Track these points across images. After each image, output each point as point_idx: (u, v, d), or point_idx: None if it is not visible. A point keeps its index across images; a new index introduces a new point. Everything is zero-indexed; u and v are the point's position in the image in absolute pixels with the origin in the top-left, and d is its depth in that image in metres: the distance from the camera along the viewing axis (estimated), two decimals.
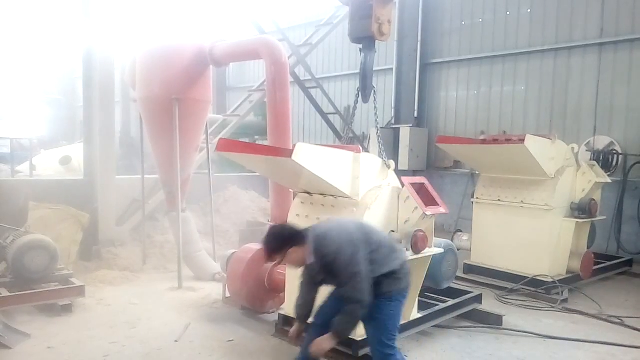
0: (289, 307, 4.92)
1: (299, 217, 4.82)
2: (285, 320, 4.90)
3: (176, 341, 4.82)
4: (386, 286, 3.35)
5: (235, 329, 5.19)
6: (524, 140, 6.09)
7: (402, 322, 4.67)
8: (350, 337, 4.27)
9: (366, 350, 4.30)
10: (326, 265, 3.27)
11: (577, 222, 6.62)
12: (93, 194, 7.73)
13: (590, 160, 7.93)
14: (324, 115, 12.14)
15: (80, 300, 5.72)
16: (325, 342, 3.31)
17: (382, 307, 3.35)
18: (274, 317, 5.23)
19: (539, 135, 6.61)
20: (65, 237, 6.84)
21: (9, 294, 5.36)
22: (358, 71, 5.36)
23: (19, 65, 20.25)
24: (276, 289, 5.42)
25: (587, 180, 6.89)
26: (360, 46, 5.27)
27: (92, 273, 6.78)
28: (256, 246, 5.71)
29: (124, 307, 5.62)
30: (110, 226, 7.65)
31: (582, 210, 6.70)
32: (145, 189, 7.87)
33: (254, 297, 5.48)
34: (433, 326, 5.13)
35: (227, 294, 5.82)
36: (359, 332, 4.30)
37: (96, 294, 6.07)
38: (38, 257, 5.63)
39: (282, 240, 3.34)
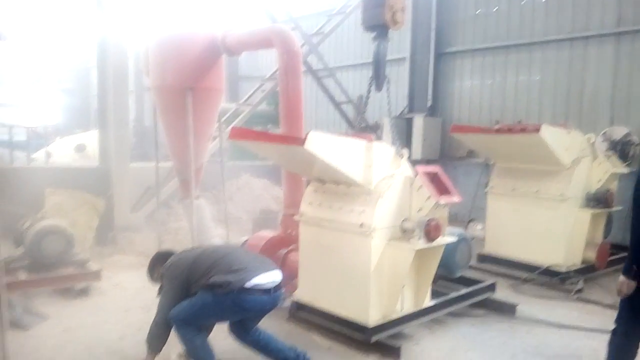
0: (301, 294, 4.96)
1: (311, 205, 4.83)
2: (299, 306, 4.94)
3: None
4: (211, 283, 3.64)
5: None
6: (539, 129, 6.03)
7: (414, 310, 4.72)
8: (362, 323, 4.32)
9: (378, 337, 4.33)
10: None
11: (593, 212, 6.56)
12: (108, 181, 7.82)
13: (607, 150, 7.83)
14: (336, 104, 12.10)
15: (97, 284, 5.81)
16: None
17: (202, 293, 3.67)
18: (287, 303, 5.26)
19: (554, 125, 6.54)
20: (81, 223, 6.94)
21: (27, 278, 5.47)
22: (371, 60, 5.33)
23: (34, 54, 20.40)
24: (289, 276, 5.44)
25: (603, 171, 6.81)
26: (374, 34, 5.24)
27: (108, 258, 6.88)
28: (269, 233, 5.75)
29: (139, 291, 5.69)
30: (125, 212, 7.74)
31: (598, 200, 6.63)
32: (159, 176, 7.93)
33: None
34: (446, 314, 5.14)
35: None
36: (372, 319, 4.34)
37: (112, 279, 6.16)
38: (55, 241, 5.71)
39: (153, 263, 4.08)
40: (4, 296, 3.32)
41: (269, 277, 3.71)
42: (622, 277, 3.33)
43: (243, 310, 3.67)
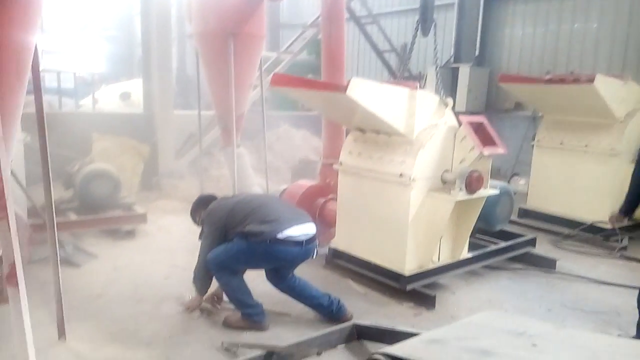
0: (338, 242, 5.02)
1: (351, 155, 4.81)
2: (336, 254, 5.02)
3: None
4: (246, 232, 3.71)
5: None
6: (593, 80, 5.74)
7: (451, 261, 4.72)
8: (398, 272, 4.36)
9: (413, 285, 4.37)
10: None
11: None
12: (152, 128, 7.99)
13: None
14: (379, 53, 11.81)
15: (142, 227, 6.05)
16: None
17: (237, 239, 3.76)
18: (324, 250, 5.35)
19: (610, 76, 6.19)
20: (127, 168, 7.17)
21: (77, 218, 5.74)
22: (417, 7, 5.13)
23: (79, 1, 20.62)
24: (327, 224, 5.52)
25: None
26: None
27: (153, 202, 7.12)
28: (308, 182, 5.79)
29: (183, 234, 5.90)
30: (168, 159, 7.94)
31: None
32: (202, 124, 8.04)
33: None
34: (484, 267, 5.11)
35: None
36: (408, 268, 4.37)
37: (157, 222, 6.40)
38: (102, 184, 5.95)
39: (198, 204, 4.21)
40: (55, 235, 3.49)
41: (302, 230, 3.75)
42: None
43: (275, 259, 3.77)
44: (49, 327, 3.58)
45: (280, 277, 4.00)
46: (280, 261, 3.82)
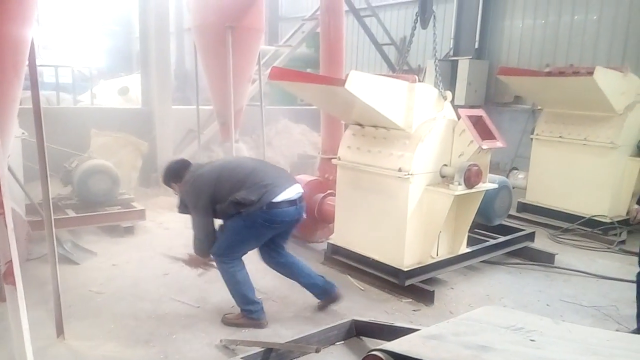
0: (337, 237, 5.01)
1: (350, 149, 4.79)
2: (334, 249, 5.01)
3: None
4: (239, 200, 3.63)
5: None
6: (592, 72, 5.71)
7: (450, 256, 4.71)
8: (397, 267, 4.35)
9: (412, 281, 4.37)
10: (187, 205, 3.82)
11: None
12: (151, 123, 7.96)
13: None
14: (378, 46, 11.76)
15: (142, 223, 6.04)
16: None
17: (230, 222, 3.73)
18: (322, 246, 5.35)
19: (609, 68, 6.16)
20: (125, 164, 7.14)
21: (76, 215, 5.73)
22: None
23: None
24: (325, 220, 5.51)
25: None
26: None
27: (152, 199, 7.11)
28: (306, 178, 5.77)
29: (182, 230, 5.88)
30: (167, 154, 7.91)
31: None
32: (200, 119, 8.02)
33: (304, 227, 5.57)
34: (483, 262, 5.11)
35: None
36: (407, 263, 4.37)
37: (156, 218, 6.39)
38: (101, 180, 5.93)
39: (168, 175, 3.94)
40: (54, 233, 3.48)
41: (294, 190, 3.76)
42: (636, 206, 3.95)
43: (275, 223, 3.69)
44: (48, 325, 3.57)
45: (276, 251, 3.98)
46: (279, 225, 3.73)
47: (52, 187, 3.56)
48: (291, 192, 3.73)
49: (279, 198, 3.64)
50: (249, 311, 3.79)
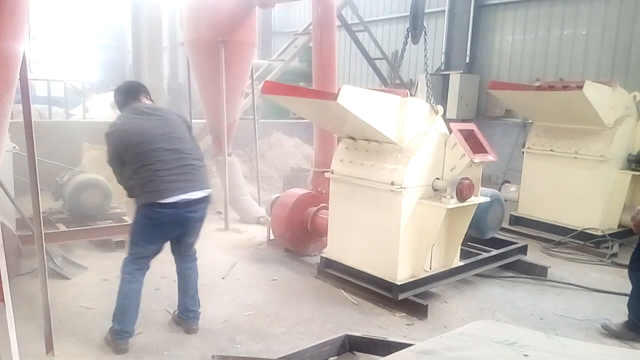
0: (330, 251, 5.00)
1: (342, 163, 4.80)
2: (327, 263, 4.99)
3: (223, 278, 5.02)
4: (137, 197, 3.58)
5: (278, 269, 5.33)
6: (582, 86, 5.77)
7: (443, 269, 4.71)
8: (390, 281, 4.34)
9: (406, 295, 4.36)
10: None
11: (634, 174, 6.32)
12: None
13: None
14: (370, 60, 11.87)
15: None
16: None
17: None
18: (315, 259, 5.34)
19: (599, 82, 6.24)
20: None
21: (67, 229, 5.67)
22: (407, 14, 5.14)
23: (71, 10, 20.57)
24: (318, 233, 5.51)
25: None
26: None
27: None
28: (300, 191, 5.77)
29: None
30: None
31: None
32: (193, 133, 7.99)
33: (297, 240, 5.60)
34: (476, 275, 5.11)
35: (271, 237, 5.96)
36: (400, 277, 4.36)
37: None
38: (93, 195, 5.89)
39: (115, 97, 3.91)
40: (44, 247, 3.45)
41: (186, 196, 3.57)
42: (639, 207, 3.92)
43: (155, 221, 3.56)
44: (37, 341, 3.52)
45: (180, 253, 3.93)
46: (160, 225, 3.58)
47: (44, 201, 3.53)
48: (179, 198, 3.52)
49: (164, 201, 3.48)
50: (116, 331, 3.59)
